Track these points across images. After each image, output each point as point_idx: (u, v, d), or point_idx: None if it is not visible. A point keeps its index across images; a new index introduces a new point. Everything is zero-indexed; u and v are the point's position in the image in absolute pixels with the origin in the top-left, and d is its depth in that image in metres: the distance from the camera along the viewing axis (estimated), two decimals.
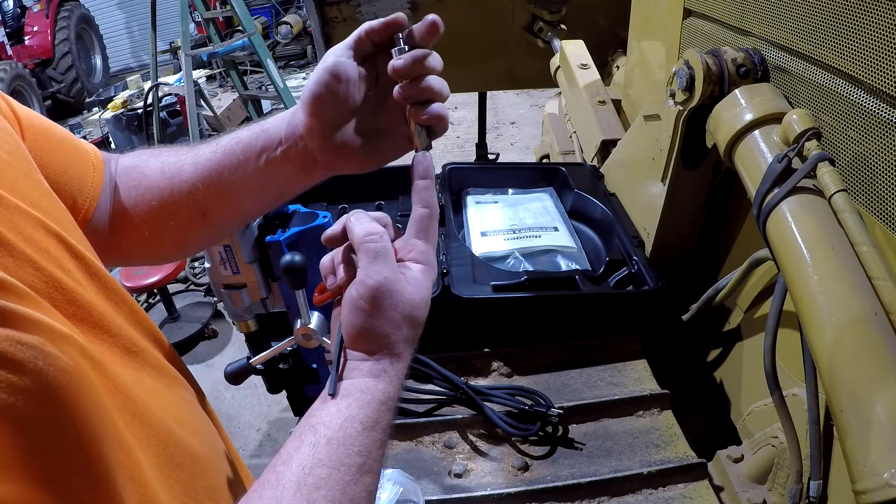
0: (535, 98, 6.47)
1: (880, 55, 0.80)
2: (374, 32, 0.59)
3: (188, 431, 0.55)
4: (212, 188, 0.64)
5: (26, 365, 0.34)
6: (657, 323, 1.25)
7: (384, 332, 0.53)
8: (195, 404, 0.61)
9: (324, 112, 0.59)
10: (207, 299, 3.87)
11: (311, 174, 0.63)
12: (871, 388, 0.72)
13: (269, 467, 0.48)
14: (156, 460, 0.47)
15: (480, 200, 1.53)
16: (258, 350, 1.02)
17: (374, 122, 0.61)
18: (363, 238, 0.54)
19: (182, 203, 0.65)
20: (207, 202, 0.65)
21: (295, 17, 8.52)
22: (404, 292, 0.53)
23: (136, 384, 0.50)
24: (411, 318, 0.54)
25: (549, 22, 2.39)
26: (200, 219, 0.67)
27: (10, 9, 7.90)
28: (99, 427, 0.40)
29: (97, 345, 0.47)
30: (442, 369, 1.09)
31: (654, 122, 1.26)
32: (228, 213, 0.69)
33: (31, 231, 0.45)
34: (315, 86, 0.58)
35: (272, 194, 0.67)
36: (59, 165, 0.60)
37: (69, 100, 8.30)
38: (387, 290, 0.52)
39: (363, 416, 0.50)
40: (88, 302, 0.48)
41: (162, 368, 0.56)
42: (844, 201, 0.82)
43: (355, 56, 0.58)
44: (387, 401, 0.52)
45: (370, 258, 0.53)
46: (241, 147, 0.62)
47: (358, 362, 0.53)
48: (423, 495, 0.94)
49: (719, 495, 1.01)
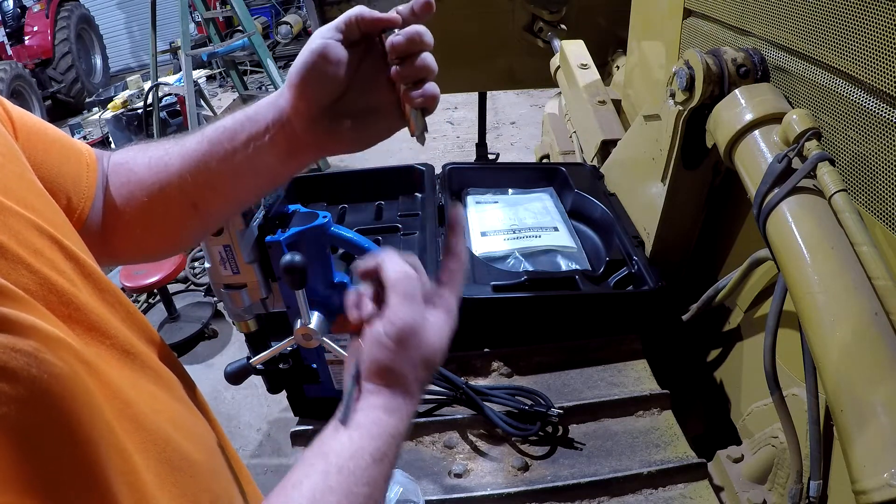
0: (535, 98, 6.46)
1: (880, 55, 0.80)
2: (364, 22, 0.58)
3: (185, 435, 0.54)
4: (200, 179, 0.64)
5: (20, 373, 0.34)
6: (657, 323, 1.25)
7: (404, 371, 0.54)
8: (193, 408, 0.61)
9: (311, 93, 0.58)
10: (207, 299, 3.86)
11: (301, 157, 0.63)
12: (871, 388, 0.72)
13: (279, 488, 0.49)
14: (153, 465, 0.47)
15: (480, 200, 1.53)
16: (258, 350, 1.02)
17: (361, 102, 0.61)
18: (396, 279, 0.56)
19: (172, 196, 0.65)
20: (197, 193, 0.65)
21: (295, 17, 8.51)
22: (428, 337, 0.55)
23: (132, 387, 0.49)
24: (428, 362, 0.56)
25: (549, 22, 2.39)
26: (192, 211, 0.66)
27: (10, 9, 7.89)
28: (95, 432, 0.39)
29: (93, 347, 0.47)
30: (442, 369, 1.09)
31: (654, 122, 1.27)
32: (220, 203, 0.68)
33: (25, 233, 0.45)
34: (302, 67, 0.57)
35: (263, 181, 0.67)
36: (54, 166, 0.59)
37: (69, 100, 8.29)
38: (413, 331, 0.54)
39: (373, 448, 0.51)
40: (84, 304, 0.47)
41: (159, 371, 0.56)
42: (844, 201, 0.82)
43: (343, 39, 0.58)
44: (397, 435, 0.53)
45: (401, 299, 0.55)
46: (228, 136, 0.62)
47: (373, 397, 0.54)
48: (423, 495, 0.94)
49: (719, 495, 1.01)
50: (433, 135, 6.09)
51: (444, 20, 2.59)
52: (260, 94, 6.11)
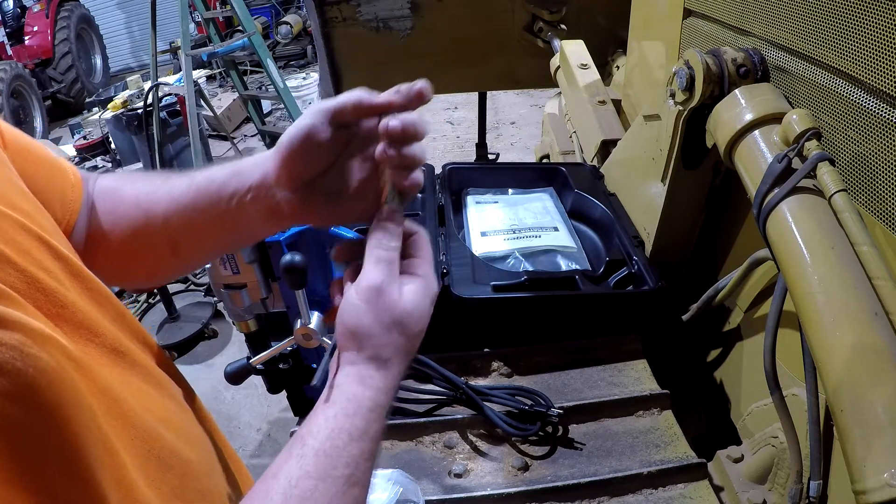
0: (535, 98, 6.46)
1: (880, 55, 0.80)
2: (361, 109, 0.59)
3: (178, 433, 0.55)
4: (184, 224, 0.65)
5: (4, 366, 0.34)
6: (657, 323, 1.25)
7: (372, 331, 0.54)
8: (185, 407, 0.61)
9: (293, 167, 0.59)
10: (207, 299, 3.86)
11: (280, 221, 0.64)
12: (871, 388, 0.72)
13: (261, 480, 0.49)
14: (142, 462, 0.47)
15: (480, 200, 1.53)
16: (258, 350, 1.02)
17: (339, 183, 0.62)
18: (373, 244, 0.57)
19: (155, 235, 0.66)
20: (179, 238, 0.66)
21: (295, 17, 8.52)
22: (399, 299, 0.55)
23: (122, 385, 0.50)
24: (402, 324, 0.55)
25: (549, 22, 2.39)
26: (171, 252, 0.68)
27: (10, 9, 7.89)
28: (81, 427, 0.40)
29: (82, 345, 0.47)
30: (442, 369, 1.09)
31: (654, 122, 1.27)
32: (198, 250, 0.70)
33: (12, 233, 0.45)
34: (288, 142, 0.59)
35: (243, 236, 0.69)
36: (40, 180, 0.60)
37: (69, 100, 8.29)
38: (380, 290, 0.54)
39: (350, 425, 0.50)
40: (72, 303, 0.48)
41: (150, 370, 0.56)
42: (844, 201, 0.82)
43: (332, 121, 0.59)
44: (375, 408, 0.52)
45: (373, 262, 0.56)
46: (216, 187, 0.63)
47: (348, 367, 0.54)
48: (423, 495, 0.94)
49: (719, 495, 1.01)
50: (433, 135, 6.07)
51: (444, 20, 2.60)
52: (260, 94, 6.12)
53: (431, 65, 2.55)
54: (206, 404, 0.69)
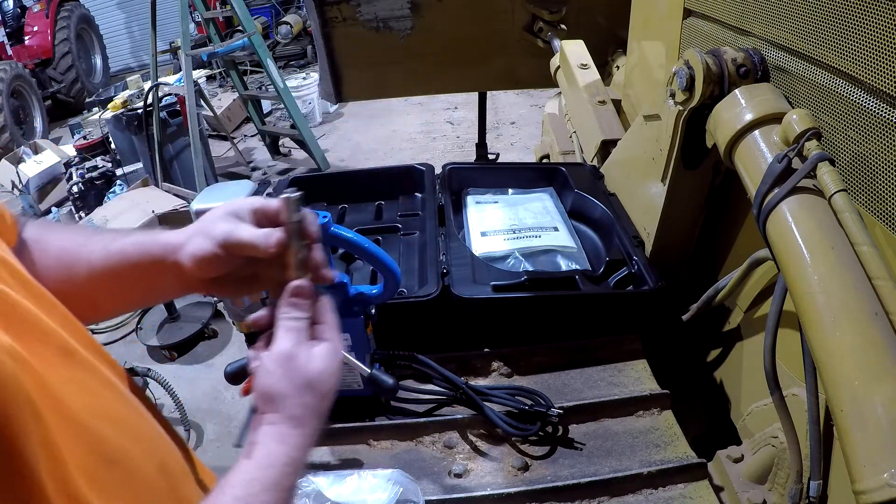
0: (535, 98, 6.46)
1: (880, 55, 0.80)
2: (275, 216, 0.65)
3: (125, 430, 0.57)
4: (104, 285, 0.69)
5: None
6: (657, 323, 1.25)
7: (284, 392, 0.59)
8: (136, 405, 0.63)
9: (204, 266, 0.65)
10: (207, 299, 3.85)
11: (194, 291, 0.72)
12: (871, 388, 0.72)
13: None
14: (84, 458, 0.48)
15: (480, 200, 1.53)
16: None
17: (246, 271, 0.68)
18: (282, 315, 0.62)
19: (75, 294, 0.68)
20: (99, 296, 0.71)
21: (295, 17, 8.51)
22: (308, 362, 0.60)
23: (69, 384, 0.51)
24: (312, 386, 0.60)
25: (549, 22, 2.39)
26: (91, 309, 0.71)
27: (10, 9, 7.88)
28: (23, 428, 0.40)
29: (30, 345, 0.48)
30: (442, 369, 1.09)
31: (654, 122, 1.27)
32: (117, 306, 0.77)
33: None
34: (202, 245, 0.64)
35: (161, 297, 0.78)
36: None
37: (69, 100, 8.29)
38: (290, 355, 0.60)
39: (264, 477, 0.55)
40: (17, 302, 0.49)
41: (98, 370, 0.58)
42: (844, 201, 0.82)
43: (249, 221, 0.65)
44: (290, 463, 0.57)
45: (283, 331, 0.61)
46: (138, 253, 0.68)
47: (265, 426, 0.58)
48: (423, 495, 0.94)
49: (719, 495, 1.01)
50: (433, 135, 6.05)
51: (444, 20, 2.60)
52: (260, 94, 6.11)
53: (431, 65, 2.56)
54: (206, 404, 0.70)
